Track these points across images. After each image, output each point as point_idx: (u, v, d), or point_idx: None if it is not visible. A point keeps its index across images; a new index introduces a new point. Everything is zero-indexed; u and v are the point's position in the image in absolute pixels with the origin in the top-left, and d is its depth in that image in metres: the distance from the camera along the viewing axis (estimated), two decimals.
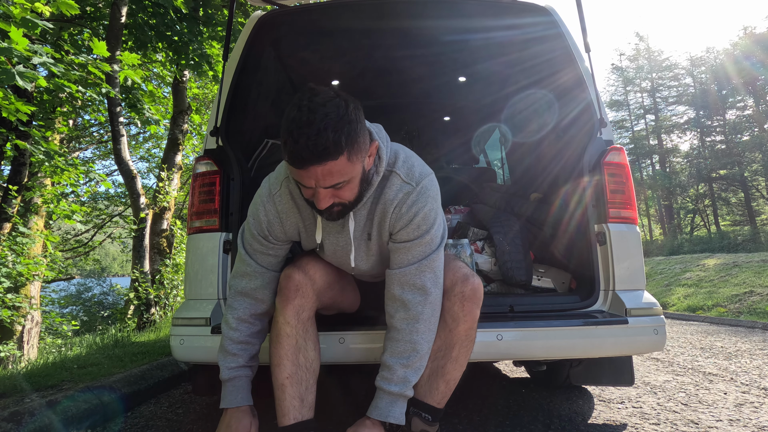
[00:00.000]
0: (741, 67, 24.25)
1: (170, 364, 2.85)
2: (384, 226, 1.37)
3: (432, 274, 1.34)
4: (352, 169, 1.18)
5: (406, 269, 1.33)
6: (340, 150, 1.11)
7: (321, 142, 1.09)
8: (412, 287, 1.33)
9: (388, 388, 1.33)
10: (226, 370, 1.41)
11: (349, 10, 2.22)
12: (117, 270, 39.48)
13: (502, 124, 3.42)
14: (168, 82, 9.22)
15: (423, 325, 1.33)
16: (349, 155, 1.14)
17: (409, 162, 1.38)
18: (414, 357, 1.33)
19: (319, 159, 1.10)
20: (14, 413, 1.77)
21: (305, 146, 1.09)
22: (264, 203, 1.40)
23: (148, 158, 14.25)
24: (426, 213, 1.33)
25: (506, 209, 2.47)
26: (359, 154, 1.18)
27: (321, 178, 1.15)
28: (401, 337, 1.33)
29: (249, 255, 1.43)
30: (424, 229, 1.33)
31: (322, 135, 1.08)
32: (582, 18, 1.94)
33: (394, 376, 1.32)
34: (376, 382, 1.36)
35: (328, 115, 1.10)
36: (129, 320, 6.47)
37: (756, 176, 26.10)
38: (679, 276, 9.66)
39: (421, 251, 1.34)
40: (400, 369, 1.32)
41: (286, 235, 1.43)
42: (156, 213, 6.81)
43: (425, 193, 1.34)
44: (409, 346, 1.33)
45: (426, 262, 1.33)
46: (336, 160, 1.12)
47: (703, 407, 2.11)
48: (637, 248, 1.78)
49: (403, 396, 1.34)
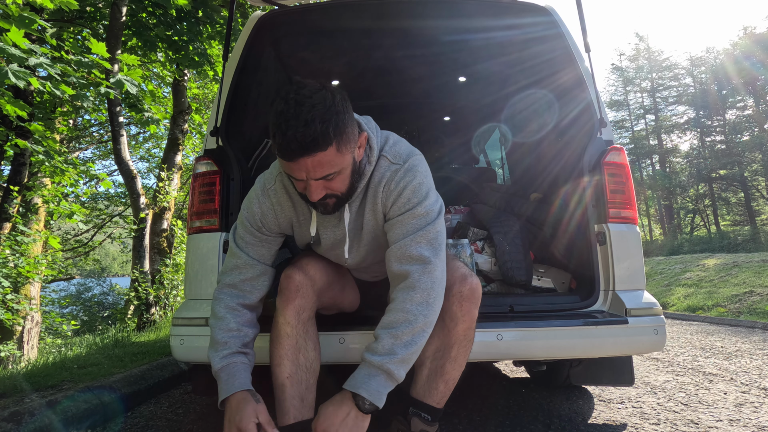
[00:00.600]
0: (741, 67, 24.26)
1: (170, 364, 2.85)
2: (377, 209, 1.36)
3: (429, 245, 1.28)
4: (342, 160, 1.18)
5: (400, 242, 1.29)
6: (328, 141, 1.12)
7: (309, 133, 1.09)
8: (409, 258, 1.27)
9: (369, 358, 1.22)
10: (217, 360, 1.30)
11: (349, 10, 2.22)
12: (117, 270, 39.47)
13: (502, 124, 3.42)
14: (168, 82, 9.22)
15: (419, 294, 1.24)
16: (338, 146, 1.14)
17: (397, 145, 1.38)
18: (405, 327, 1.21)
19: (308, 150, 1.11)
20: (14, 413, 1.77)
21: (294, 138, 1.09)
22: (258, 197, 1.40)
23: (148, 158, 14.27)
24: (415, 186, 1.31)
25: (506, 209, 2.47)
26: (348, 144, 1.18)
27: (311, 169, 1.15)
28: (393, 306, 1.26)
29: (240, 248, 1.42)
30: (415, 202, 1.31)
31: (310, 126, 1.09)
32: (582, 18, 1.94)
33: (379, 346, 1.22)
34: (362, 354, 1.25)
35: (315, 107, 1.10)
36: (129, 320, 6.47)
37: (756, 176, 26.11)
38: (679, 276, 9.66)
39: (415, 223, 1.30)
40: (387, 339, 1.21)
41: (279, 227, 1.42)
42: (156, 213, 6.81)
43: (413, 169, 1.33)
44: (401, 315, 1.23)
45: (421, 232, 1.28)
46: (325, 151, 1.12)
47: (703, 407, 2.11)
48: (637, 248, 1.78)
49: (385, 370, 1.20)
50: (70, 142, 11.32)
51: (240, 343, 1.34)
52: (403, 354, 1.21)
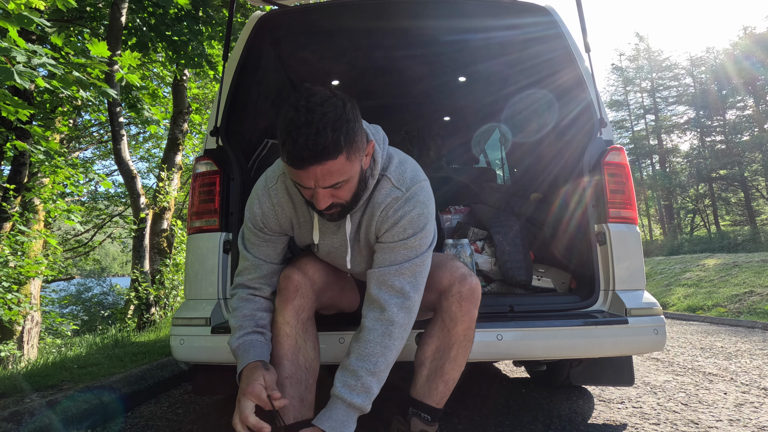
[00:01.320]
0: (741, 67, 24.26)
1: (170, 364, 2.85)
2: (371, 230, 1.35)
3: (412, 279, 1.29)
4: (351, 169, 1.18)
5: (386, 269, 1.29)
6: (339, 149, 1.11)
7: (320, 141, 1.08)
8: (390, 288, 1.28)
9: (348, 398, 1.20)
10: (234, 341, 1.34)
11: (349, 10, 2.22)
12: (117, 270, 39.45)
13: (502, 124, 3.42)
14: (168, 82, 9.22)
15: (396, 330, 1.25)
16: (348, 154, 1.14)
17: (402, 167, 1.35)
18: (381, 363, 1.23)
19: (318, 159, 1.10)
20: (14, 413, 1.77)
21: (305, 146, 1.08)
22: (259, 196, 1.40)
23: (148, 158, 14.27)
24: (413, 217, 1.30)
25: (506, 209, 2.47)
26: (357, 153, 1.18)
27: (320, 178, 1.14)
28: (372, 338, 1.25)
29: (246, 249, 1.44)
30: (409, 233, 1.30)
31: (321, 134, 1.08)
32: (582, 18, 1.94)
33: (359, 384, 1.21)
34: (334, 389, 1.23)
35: (326, 115, 1.09)
36: (129, 320, 6.47)
37: (756, 176, 26.11)
38: (679, 276, 9.66)
39: (404, 254, 1.30)
40: (366, 376, 1.21)
41: (281, 227, 1.42)
42: (156, 213, 6.81)
43: (414, 198, 1.32)
44: (379, 350, 1.23)
45: (408, 265, 1.29)
46: (335, 160, 1.12)
47: (703, 407, 2.11)
48: (637, 248, 1.78)
49: (361, 411, 1.22)
50: (70, 142, 11.32)
51: (254, 324, 1.37)
52: (376, 391, 1.24)
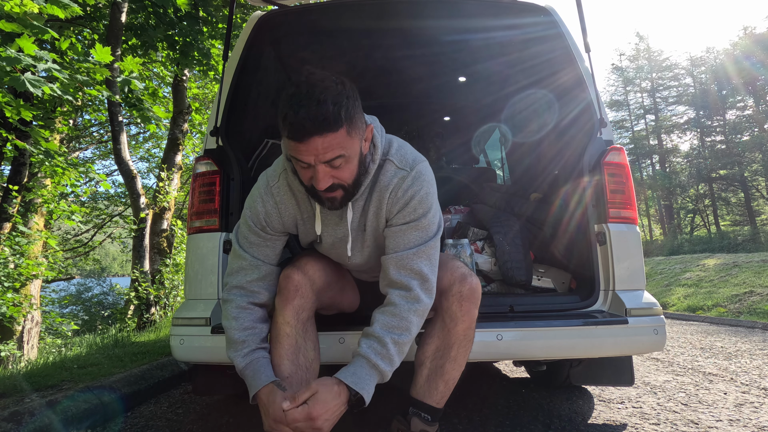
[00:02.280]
0: (741, 67, 24.25)
1: (170, 364, 2.85)
2: (381, 214, 1.36)
3: (428, 261, 1.31)
4: (352, 145, 1.19)
5: (402, 253, 1.31)
6: (339, 122, 1.13)
7: (322, 112, 1.10)
8: (410, 271, 1.29)
9: (374, 359, 1.22)
10: (240, 359, 1.32)
11: (349, 10, 2.22)
12: (117, 270, 39.47)
13: (502, 124, 3.42)
14: (168, 82, 9.22)
15: (421, 308, 1.28)
16: (348, 129, 1.16)
17: (402, 150, 1.38)
18: (405, 337, 1.25)
19: (320, 129, 1.12)
20: (14, 413, 1.77)
21: (306, 117, 1.10)
22: (262, 195, 1.40)
23: (148, 158, 14.26)
24: (422, 196, 1.32)
25: (506, 209, 2.47)
26: (357, 131, 1.20)
27: (321, 151, 1.14)
28: (398, 312, 1.26)
29: (243, 249, 1.42)
30: (420, 213, 1.32)
31: (322, 106, 1.10)
32: (582, 18, 1.94)
33: (385, 351, 1.23)
34: (360, 349, 1.24)
35: (327, 89, 1.12)
36: (129, 320, 6.46)
37: (756, 176, 26.10)
38: (679, 276, 9.66)
39: (417, 236, 1.32)
40: (392, 345, 1.23)
41: (284, 226, 1.42)
42: (156, 213, 6.81)
43: (420, 177, 1.34)
44: (404, 324, 1.25)
45: (423, 248, 1.31)
46: (336, 132, 1.14)
47: (703, 407, 2.11)
48: (637, 248, 1.78)
49: (382, 377, 1.24)
50: (70, 142, 11.32)
51: (258, 339, 1.37)
52: (397, 363, 1.26)
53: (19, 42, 2.54)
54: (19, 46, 2.55)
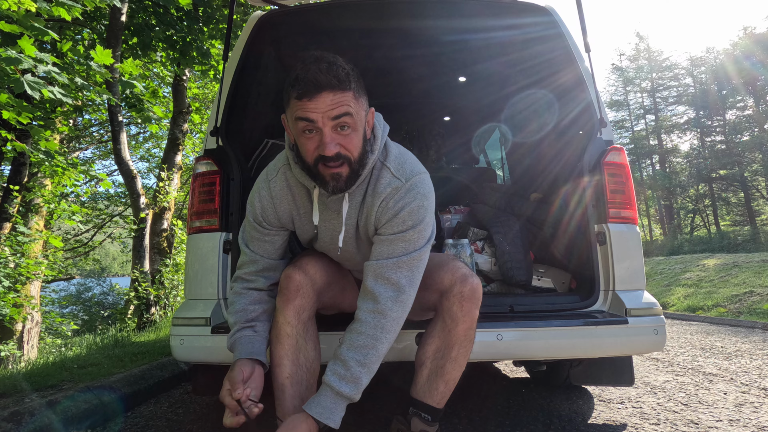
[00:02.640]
0: (741, 67, 24.25)
1: (170, 364, 2.85)
2: (370, 220, 1.36)
3: (409, 273, 1.29)
4: (359, 109, 1.21)
5: (383, 261, 1.29)
6: (349, 83, 1.18)
7: (333, 70, 1.16)
8: (386, 281, 1.28)
9: (338, 387, 1.22)
10: (228, 340, 1.39)
11: (349, 10, 2.22)
12: (117, 270, 39.41)
13: (502, 124, 3.42)
14: (168, 82, 9.22)
15: (389, 323, 1.26)
16: (356, 94, 1.19)
17: (402, 158, 1.37)
18: (372, 355, 1.25)
19: (331, 84, 1.15)
20: (14, 413, 1.77)
21: (318, 71, 1.15)
22: (259, 189, 1.41)
23: (148, 158, 14.28)
24: (413, 209, 1.30)
25: (506, 209, 2.47)
26: (363, 101, 1.23)
27: (329, 107, 1.15)
28: (363, 330, 1.26)
29: (246, 244, 1.46)
30: (409, 225, 1.30)
31: (333, 66, 1.16)
32: (582, 18, 1.94)
33: (348, 374, 1.23)
34: (325, 377, 1.25)
35: (336, 59, 1.19)
36: (129, 320, 6.46)
37: (756, 176, 26.10)
38: (679, 276, 9.66)
39: (402, 247, 1.30)
40: (356, 366, 1.23)
41: (279, 221, 1.42)
42: (156, 213, 6.81)
43: (414, 189, 1.32)
44: (370, 342, 1.25)
45: (406, 258, 1.29)
46: (345, 92, 1.17)
47: (703, 407, 2.11)
48: (637, 248, 1.78)
49: (350, 400, 1.24)
50: (70, 142, 11.32)
51: (244, 319, 1.39)
52: (366, 381, 1.26)
53: (19, 43, 2.54)
54: (20, 47, 2.56)
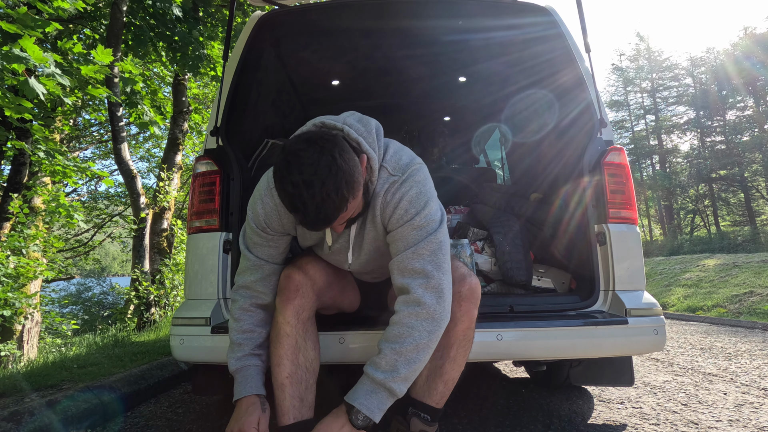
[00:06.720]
0: (741, 67, 24.25)
1: (170, 364, 2.85)
2: (377, 220, 1.36)
3: (432, 257, 1.27)
4: (357, 199, 1.23)
5: (402, 254, 1.30)
6: (345, 201, 1.16)
7: (329, 206, 1.13)
8: (411, 272, 1.27)
9: (372, 374, 1.23)
10: (233, 361, 1.39)
11: (349, 10, 2.22)
12: (117, 270, 39.42)
13: (502, 124, 3.41)
14: (168, 82, 9.22)
15: (424, 310, 1.23)
16: (352, 197, 1.19)
17: (398, 154, 1.37)
18: (408, 343, 1.22)
19: (332, 220, 1.17)
20: (14, 413, 1.77)
21: (317, 218, 1.14)
22: (262, 197, 1.40)
23: (148, 158, 14.29)
24: (412, 196, 1.31)
25: (506, 209, 2.47)
26: (358, 185, 1.20)
27: (336, 225, 1.25)
28: (397, 320, 1.26)
29: (248, 249, 1.44)
30: (413, 212, 1.30)
31: (327, 202, 1.12)
32: (582, 18, 1.94)
33: (382, 362, 1.23)
34: (364, 367, 1.27)
35: (325, 183, 1.11)
36: (129, 320, 6.46)
37: (756, 176, 26.10)
38: (679, 276, 9.66)
39: (415, 235, 1.30)
40: (390, 354, 1.22)
41: (283, 228, 1.43)
42: (156, 213, 6.80)
43: (410, 179, 1.33)
44: (405, 330, 1.23)
45: (423, 244, 1.28)
46: (346, 210, 1.18)
47: (703, 407, 2.11)
48: (637, 248, 1.78)
49: (387, 388, 1.22)
50: (70, 142, 11.32)
51: (254, 344, 1.41)
52: (406, 372, 1.23)
53: (21, 43, 2.54)
54: (21, 47, 2.56)
